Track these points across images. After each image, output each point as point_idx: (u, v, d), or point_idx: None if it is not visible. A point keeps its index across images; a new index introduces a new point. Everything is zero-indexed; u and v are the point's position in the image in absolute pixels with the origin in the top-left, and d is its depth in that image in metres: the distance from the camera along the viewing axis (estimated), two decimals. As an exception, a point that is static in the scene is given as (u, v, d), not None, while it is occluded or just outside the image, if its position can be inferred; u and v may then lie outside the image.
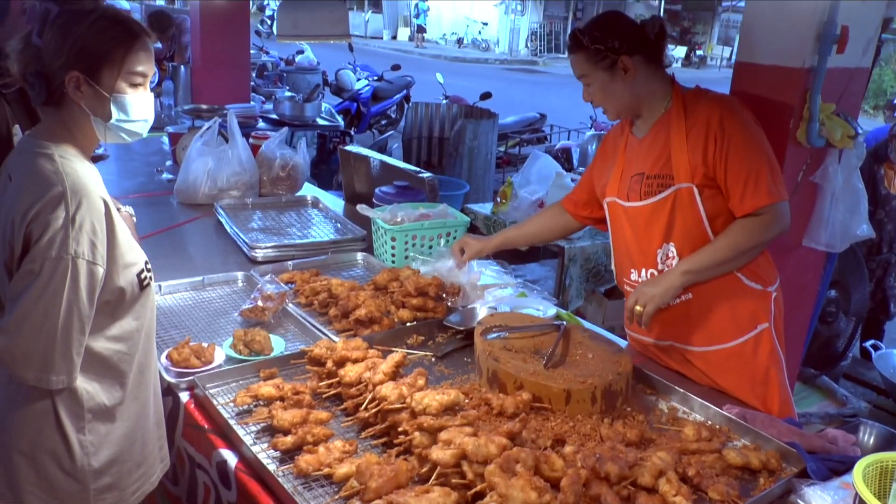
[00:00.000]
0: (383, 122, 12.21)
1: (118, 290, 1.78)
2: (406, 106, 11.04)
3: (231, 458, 1.91)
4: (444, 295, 2.82)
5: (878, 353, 4.84)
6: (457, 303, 2.85)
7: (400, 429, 1.90)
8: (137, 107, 1.82)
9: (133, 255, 1.82)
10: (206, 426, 2.03)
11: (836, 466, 2.07)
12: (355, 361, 2.16)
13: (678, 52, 31.01)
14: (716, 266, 2.38)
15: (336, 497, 1.72)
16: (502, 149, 10.05)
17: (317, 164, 7.70)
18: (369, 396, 2.00)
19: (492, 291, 2.90)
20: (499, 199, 5.13)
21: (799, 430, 2.23)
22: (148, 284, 1.87)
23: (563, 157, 7.81)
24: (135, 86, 1.80)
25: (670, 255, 2.43)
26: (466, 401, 2.03)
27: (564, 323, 2.51)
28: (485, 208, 5.24)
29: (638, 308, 2.34)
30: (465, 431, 1.83)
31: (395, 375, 2.07)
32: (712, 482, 1.93)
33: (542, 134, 11.30)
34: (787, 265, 2.86)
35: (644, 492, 1.84)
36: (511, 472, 1.71)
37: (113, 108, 1.78)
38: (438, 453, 1.76)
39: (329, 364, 2.17)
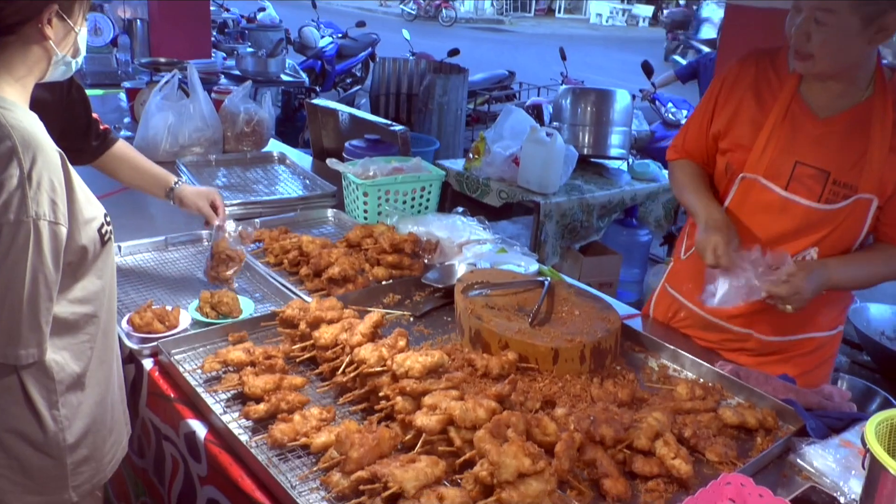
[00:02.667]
0: (348, 80, 11.96)
1: (81, 248, 1.61)
2: (372, 64, 10.81)
3: (200, 429, 1.77)
4: (421, 251, 2.69)
5: (853, 307, 4.80)
6: (434, 260, 2.73)
7: (381, 394, 1.77)
8: (84, 42, 1.71)
9: (92, 208, 1.66)
10: (172, 395, 1.89)
11: (833, 423, 2.00)
12: (330, 322, 2.03)
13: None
14: (859, 287, 2.23)
15: (314, 469, 1.60)
16: (471, 106, 9.89)
17: (282, 122, 7.50)
18: (347, 360, 1.87)
19: (470, 248, 2.78)
20: (471, 156, 4.99)
21: (794, 386, 2.15)
22: (109, 239, 1.72)
23: (534, 114, 7.67)
24: (84, 18, 1.66)
25: (807, 258, 2.17)
26: (450, 362, 1.90)
27: (548, 279, 2.39)
28: (456, 164, 5.10)
29: (789, 308, 2.08)
30: (450, 395, 1.72)
31: (373, 337, 1.94)
32: (709, 443, 1.84)
33: (511, 91, 11.14)
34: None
35: (640, 455, 1.75)
36: (502, 437, 1.60)
37: (79, 44, 1.66)
38: (423, 419, 1.64)
39: (302, 326, 2.03)
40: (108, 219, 1.73)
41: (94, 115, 2.55)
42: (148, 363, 2.02)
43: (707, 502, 1.66)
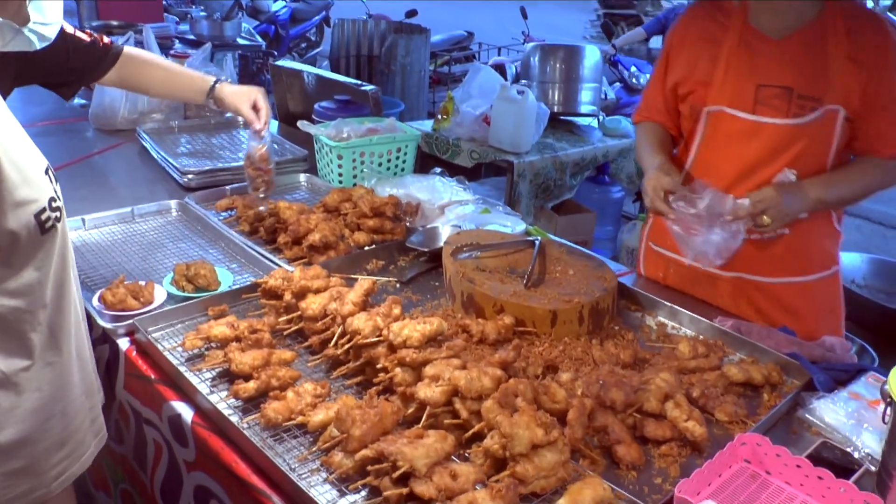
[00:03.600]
0: (303, 45, 11.67)
1: (7, 233, 1.39)
2: (326, 28, 10.55)
3: (186, 411, 1.66)
4: (402, 214, 2.58)
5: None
6: (415, 223, 2.62)
7: (378, 366, 1.67)
8: (52, 10, 1.50)
9: (28, 190, 1.42)
10: (153, 376, 1.77)
11: (838, 376, 1.94)
12: (317, 292, 1.92)
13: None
14: (844, 203, 2.18)
15: (314, 449, 1.50)
16: (431, 68, 9.70)
17: (240, 87, 7.25)
18: (338, 331, 1.77)
19: (452, 209, 2.67)
20: (440, 116, 4.85)
21: (797, 339, 2.09)
22: (53, 227, 1.46)
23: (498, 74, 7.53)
24: None
25: (785, 182, 2.13)
26: (448, 329, 1.81)
27: (539, 238, 2.30)
28: (424, 126, 4.96)
29: (766, 219, 2.04)
30: (452, 364, 1.62)
31: (365, 305, 1.83)
32: (718, 403, 1.77)
33: (471, 52, 10.96)
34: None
35: (651, 419, 1.67)
36: (511, 407, 1.52)
37: (30, 10, 1.46)
38: (426, 391, 1.54)
39: (287, 296, 1.92)
40: (57, 204, 1.49)
41: (87, 32, 2.36)
42: (123, 343, 1.89)
43: (724, 465, 1.60)
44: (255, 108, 2.44)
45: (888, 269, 5.00)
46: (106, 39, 2.40)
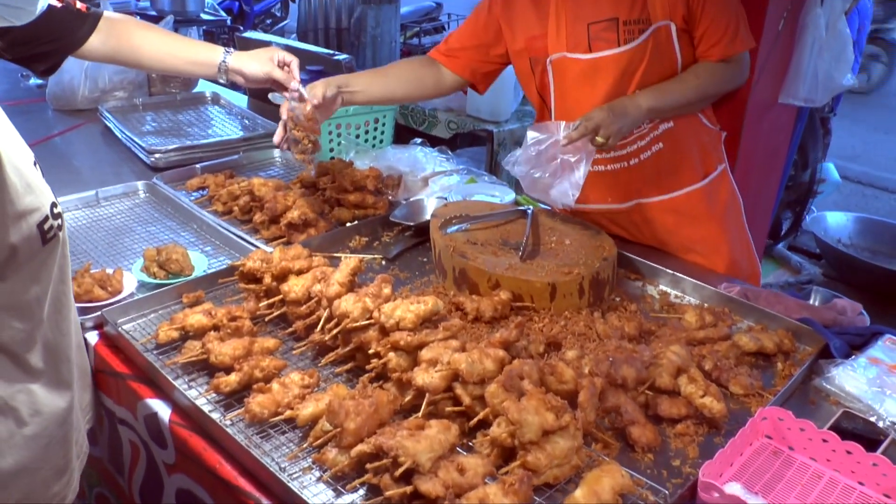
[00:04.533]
0: (268, 21, 11.39)
1: (7, 247, 1.22)
2: (291, 3, 10.28)
3: (163, 410, 1.52)
4: (383, 188, 2.45)
5: (812, 217, 4.76)
6: (398, 196, 2.49)
7: (370, 351, 1.54)
8: None
9: (31, 198, 1.25)
10: (125, 371, 1.63)
11: (853, 340, 1.85)
12: (299, 273, 1.79)
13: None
14: (679, 107, 2.16)
15: (304, 446, 1.37)
16: (401, 40, 9.50)
17: (206, 64, 7.02)
18: (325, 314, 1.64)
19: (436, 180, 2.55)
20: (414, 86, 4.70)
21: (807, 303, 1.99)
22: (54, 237, 1.31)
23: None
24: None
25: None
26: (444, 308, 1.68)
27: (531, 207, 2.18)
28: (399, 97, 4.80)
29: (600, 139, 1.97)
30: (451, 346, 1.50)
31: (352, 286, 1.70)
32: (732, 375, 1.67)
33: (440, 23, 10.75)
34: (761, 126, 2.58)
35: (665, 396, 1.56)
36: (517, 390, 1.40)
37: None
38: (424, 377, 1.42)
39: (267, 279, 1.79)
40: (58, 210, 1.33)
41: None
42: (92, 337, 1.74)
43: (746, 443, 1.49)
44: (281, 66, 2.14)
45: (873, 227, 4.98)
46: (80, 4, 2.12)
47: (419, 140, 2.82)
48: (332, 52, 3.43)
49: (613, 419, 1.52)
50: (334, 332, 1.58)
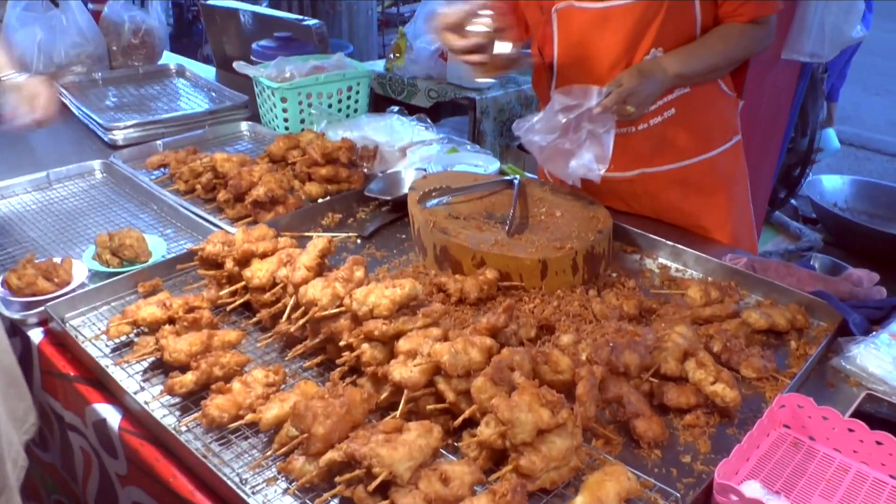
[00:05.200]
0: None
1: None
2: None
3: (112, 416, 1.35)
4: (358, 160, 2.28)
5: (808, 180, 4.62)
6: (374, 168, 2.32)
7: (341, 343, 1.38)
8: None
9: None
10: (72, 373, 1.46)
11: (872, 314, 1.71)
12: (263, 256, 1.62)
13: None
14: (706, 73, 1.97)
15: (269, 454, 1.21)
16: (379, 10, 9.26)
17: (176, 38, 6.81)
18: (291, 302, 1.47)
19: (415, 150, 2.37)
20: (392, 55, 4.50)
21: (821, 275, 1.84)
22: None
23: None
24: None
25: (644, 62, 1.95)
26: (422, 291, 1.51)
27: (517, 178, 2.01)
28: (376, 66, 4.61)
29: (630, 108, 1.82)
30: (431, 335, 1.34)
31: (321, 269, 1.53)
32: (744, 357, 1.52)
33: (417, -10, 10.52)
34: (762, 88, 2.41)
35: (671, 383, 1.41)
36: (506, 384, 1.24)
37: None
38: (402, 371, 1.26)
39: (229, 264, 1.62)
40: None
41: None
42: (36, 335, 1.57)
43: (763, 434, 1.34)
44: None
45: (870, 190, 4.85)
46: None
47: (396, 108, 2.65)
48: (301, 17, 3.25)
49: (615, 411, 1.37)
50: (301, 322, 1.41)
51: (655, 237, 1.94)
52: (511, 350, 1.29)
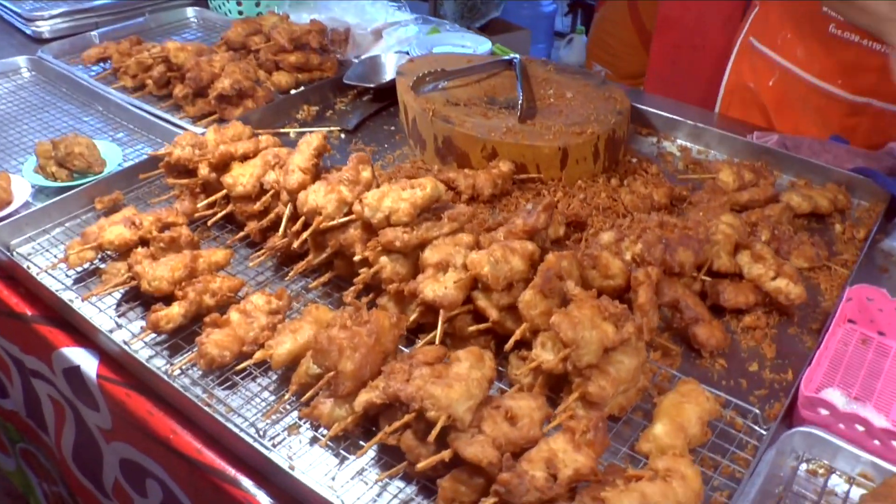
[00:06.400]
0: None
1: None
2: None
3: (87, 361, 1.14)
4: (329, 44, 2.02)
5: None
6: (346, 53, 2.07)
7: (356, 257, 1.17)
8: None
9: None
10: (28, 312, 1.23)
11: (918, 190, 1.55)
12: (244, 159, 1.38)
13: None
14: None
15: (287, 397, 1.01)
16: None
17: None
18: (287, 212, 1.25)
19: (390, 33, 2.12)
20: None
21: (858, 150, 1.67)
22: None
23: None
24: None
25: None
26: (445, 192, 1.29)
27: (517, 57, 1.78)
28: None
29: None
30: (461, 243, 1.14)
31: (317, 171, 1.31)
32: (795, 245, 1.36)
33: None
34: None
35: (725, 280, 1.25)
36: (558, 295, 1.06)
37: None
38: (435, 288, 1.07)
39: (203, 170, 1.38)
40: None
41: None
42: (-21, 267, 1.33)
43: (833, 334, 1.19)
44: None
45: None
46: None
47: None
48: None
49: (669, 317, 1.20)
50: (303, 235, 1.20)
51: (674, 116, 1.74)
52: (557, 255, 1.10)
